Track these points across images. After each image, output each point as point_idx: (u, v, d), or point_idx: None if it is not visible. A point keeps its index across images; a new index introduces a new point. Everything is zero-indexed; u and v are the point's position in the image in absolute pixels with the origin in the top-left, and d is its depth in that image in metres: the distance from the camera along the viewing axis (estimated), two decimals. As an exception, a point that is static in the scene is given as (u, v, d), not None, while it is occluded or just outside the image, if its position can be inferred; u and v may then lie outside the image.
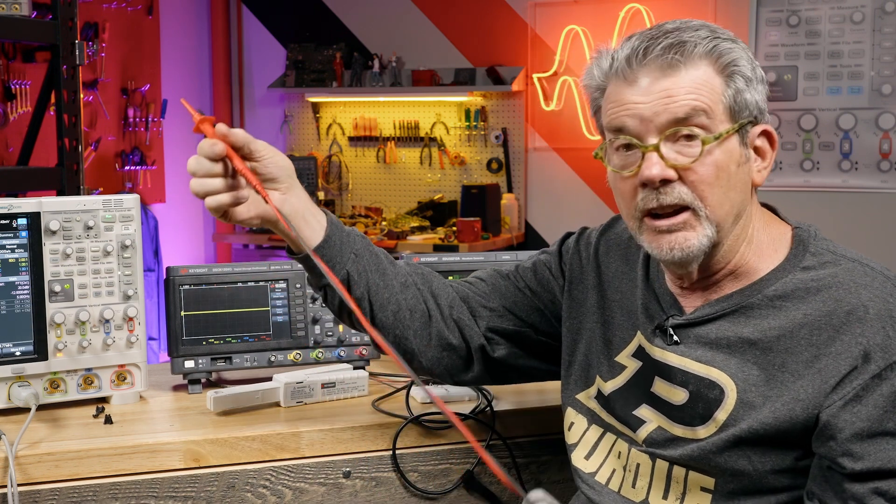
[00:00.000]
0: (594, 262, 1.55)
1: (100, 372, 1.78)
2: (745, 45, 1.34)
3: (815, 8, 4.73)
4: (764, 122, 1.34)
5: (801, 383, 1.26)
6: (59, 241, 1.74)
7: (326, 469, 1.66)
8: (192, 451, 1.60)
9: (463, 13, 5.55)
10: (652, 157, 1.28)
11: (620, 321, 1.48)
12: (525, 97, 5.42)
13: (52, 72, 2.99)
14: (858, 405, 1.22)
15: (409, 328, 1.52)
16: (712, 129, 1.28)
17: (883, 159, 4.67)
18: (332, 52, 5.74)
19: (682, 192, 1.28)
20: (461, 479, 1.72)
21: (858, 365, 1.23)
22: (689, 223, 1.29)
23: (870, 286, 1.28)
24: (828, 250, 1.34)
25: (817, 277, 1.31)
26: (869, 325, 1.24)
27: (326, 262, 1.44)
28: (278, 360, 1.90)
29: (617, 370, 1.46)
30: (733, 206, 1.31)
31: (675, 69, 1.28)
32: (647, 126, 1.29)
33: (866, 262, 1.32)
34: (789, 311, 1.30)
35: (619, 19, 5.08)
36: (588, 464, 1.48)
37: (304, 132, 5.99)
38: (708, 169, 1.28)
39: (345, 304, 1.48)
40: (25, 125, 3.31)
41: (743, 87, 1.30)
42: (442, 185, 5.67)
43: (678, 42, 1.29)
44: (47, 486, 1.54)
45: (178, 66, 5.85)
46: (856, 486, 1.22)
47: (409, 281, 1.54)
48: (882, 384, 1.22)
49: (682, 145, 1.28)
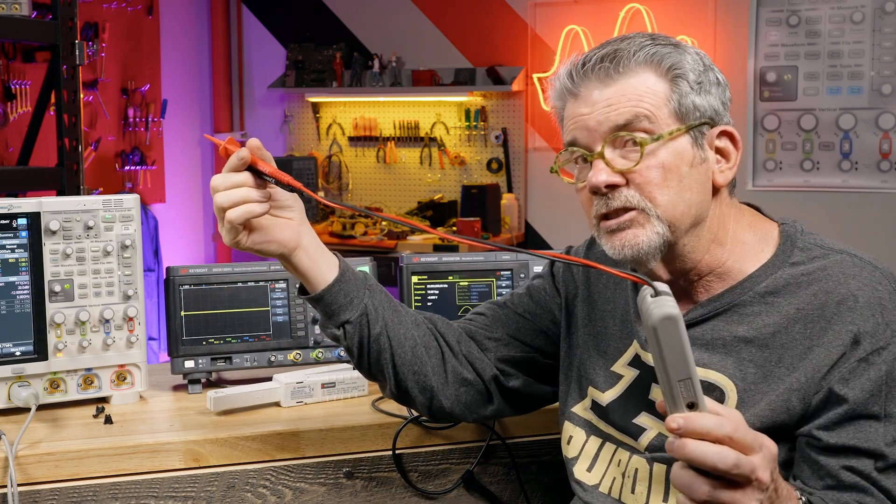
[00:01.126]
0: (583, 276, 1.56)
1: (100, 372, 1.78)
2: (697, 52, 1.35)
3: (815, 8, 4.73)
4: (723, 124, 1.35)
5: (795, 375, 1.27)
6: (59, 241, 1.74)
7: (326, 469, 1.66)
8: (192, 451, 1.60)
9: (463, 13, 5.55)
10: (598, 165, 1.30)
11: (614, 331, 1.48)
12: (525, 97, 5.42)
13: (52, 72, 2.99)
14: (845, 388, 1.24)
15: (427, 364, 1.50)
16: (656, 130, 1.29)
17: (883, 159, 4.66)
18: (332, 52, 5.74)
19: (629, 196, 1.30)
20: (461, 479, 1.72)
21: (847, 350, 1.25)
22: (637, 220, 1.30)
23: (859, 276, 1.30)
24: (816, 244, 1.36)
25: (807, 271, 1.32)
26: (859, 312, 1.26)
27: (343, 297, 1.42)
28: (278, 360, 1.90)
29: (614, 380, 1.46)
30: (689, 206, 1.31)
31: (612, 78, 1.30)
32: (593, 135, 1.31)
33: (854, 253, 1.34)
34: (781, 307, 1.31)
35: (619, 19, 5.07)
36: (591, 476, 1.47)
37: (304, 132, 5.99)
38: (654, 171, 1.29)
39: (365, 343, 1.46)
40: (25, 125, 3.31)
41: (687, 90, 1.31)
42: (442, 185, 5.67)
43: (612, 52, 1.31)
44: (47, 486, 1.54)
45: (178, 66, 5.84)
46: (830, 460, 1.24)
47: (419, 318, 1.53)
48: (869, 368, 1.24)
49: (627, 150, 1.30)
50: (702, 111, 1.32)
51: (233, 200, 1.31)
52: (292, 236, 1.38)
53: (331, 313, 1.44)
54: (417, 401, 1.52)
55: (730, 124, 1.36)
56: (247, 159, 1.31)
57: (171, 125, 5.77)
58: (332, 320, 1.44)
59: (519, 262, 2.03)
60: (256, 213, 1.32)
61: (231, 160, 1.32)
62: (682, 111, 1.30)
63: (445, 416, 1.57)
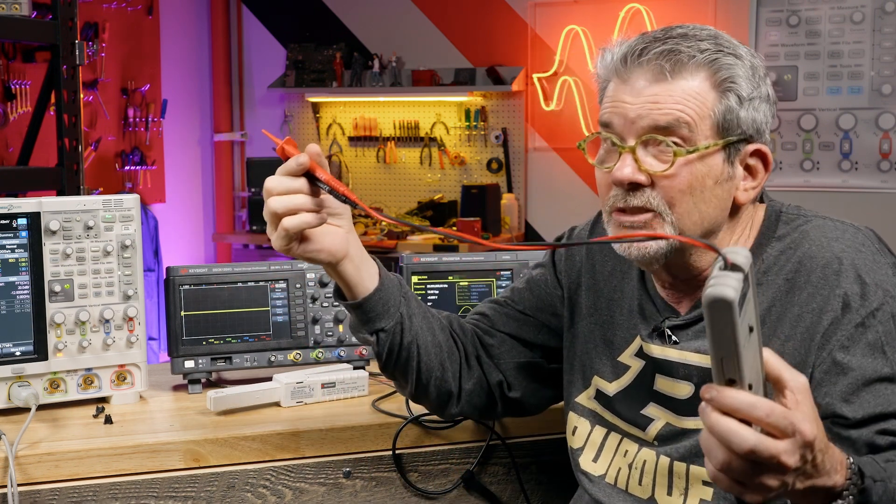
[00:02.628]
0: (588, 263, 1.55)
1: (100, 372, 1.78)
2: (753, 62, 1.32)
3: (815, 8, 4.73)
4: (760, 142, 1.33)
5: (790, 344, 1.27)
6: (59, 241, 1.74)
7: (326, 469, 1.66)
8: (192, 451, 1.60)
9: (463, 13, 5.55)
10: (626, 159, 1.29)
11: (621, 321, 1.48)
12: (525, 97, 5.42)
13: (52, 72, 2.98)
14: (848, 355, 1.24)
15: (449, 371, 1.50)
16: (692, 142, 1.28)
17: (883, 159, 4.67)
18: (332, 52, 5.74)
19: (650, 197, 1.29)
20: (461, 479, 1.72)
21: (839, 315, 1.25)
22: (651, 224, 1.30)
23: (840, 238, 1.31)
24: (799, 214, 1.37)
25: (792, 242, 1.33)
26: (844, 275, 1.26)
27: (381, 306, 1.41)
28: (278, 360, 1.90)
29: (621, 370, 1.45)
30: (703, 219, 1.31)
31: (665, 77, 1.28)
32: (630, 127, 1.29)
33: (836, 219, 1.36)
34: (773, 282, 1.32)
35: (619, 19, 5.07)
36: (597, 466, 1.47)
37: (304, 132, 5.99)
38: (681, 180, 1.28)
39: (395, 350, 1.44)
40: (25, 125, 3.31)
41: (735, 104, 1.29)
42: (442, 185, 5.67)
43: (674, 50, 1.28)
44: (47, 486, 1.54)
45: (178, 66, 5.84)
46: (862, 431, 1.22)
47: (444, 322, 1.53)
48: (867, 331, 1.24)
49: (659, 151, 1.29)
50: (744, 127, 1.30)
51: (288, 207, 1.28)
52: (341, 245, 1.36)
53: (367, 320, 1.42)
54: (433, 403, 1.53)
55: (767, 143, 1.34)
56: (306, 165, 1.29)
57: (171, 125, 5.77)
58: (367, 326, 1.43)
59: (519, 262, 2.03)
60: (312, 224, 1.30)
61: (289, 164, 1.29)
62: (724, 125, 1.29)
63: (454, 417, 1.58)
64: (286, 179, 1.29)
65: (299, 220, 1.29)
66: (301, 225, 1.29)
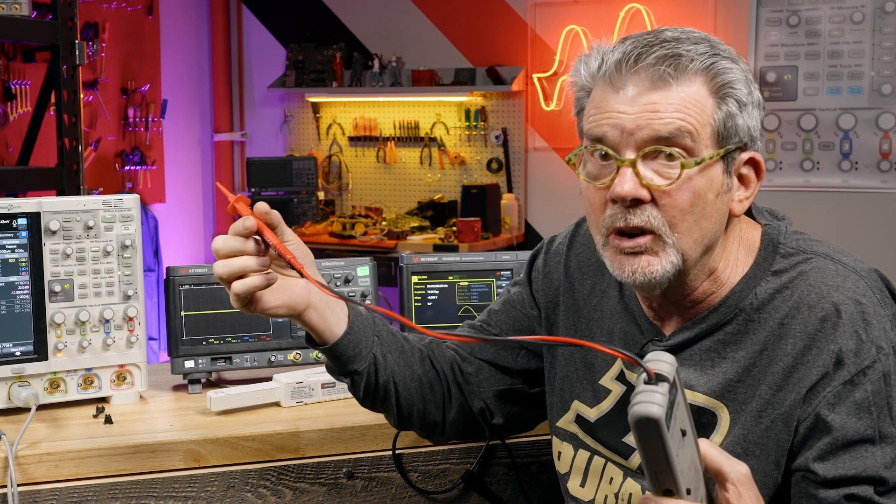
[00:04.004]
0: (566, 282, 1.48)
1: (100, 372, 1.78)
2: (745, 67, 1.25)
3: (815, 8, 4.73)
4: (753, 150, 1.26)
5: (780, 395, 1.22)
6: (59, 241, 1.74)
7: (327, 469, 1.66)
8: (192, 451, 1.60)
9: (463, 13, 5.55)
10: (626, 173, 1.20)
11: (600, 342, 1.37)
12: (525, 97, 5.42)
13: (52, 72, 2.99)
14: (832, 413, 1.19)
15: (431, 402, 1.48)
16: (695, 153, 1.19)
17: (883, 159, 4.66)
18: (332, 52, 5.74)
19: (651, 216, 1.20)
20: (461, 479, 1.72)
21: (830, 371, 1.20)
22: (652, 248, 1.22)
23: (841, 287, 1.23)
24: (798, 249, 1.29)
25: (789, 281, 1.26)
26: (841, 329, 1.20)
27: (352, 349, 1.38)
28: (278, 360, 1.90)
29: (602, 395, 1.40)
30: (703, 235, 1.23)
31: (665, 83, 1.19)
32: (627, 139, 1.20)
33: (838, 258, 1.27)
34: (766, 322, 1.25)
35: (619, 19, 5.07)
36: (585, 492, 1.42)
37: (304, 132, 5.99)
38: (684, 195, 1.20)
39: (371, 389, 1.42)
40: (25, 125, 3.31)
41: (735, 111, 1.21)
42: (442, 185, 5.67)
43: (673, 55, 1.20)
44: (47, 486, 1.54)
45: (178, 66, 5.84)
46: (830, 492, 1.18)
47: (423, 353, 1.50)
48: (855, 390, 1.19)
49: (660, 165, 1.20)
50: (741, 135, 1.23)
51: (231, 272, 1.25)
52: (301, 298, 1.31)
53: (339, 363, 1.39)
54: (420, 432, 1.53)
55: (758, 150, 1.27)
56: (252, 228, 1.24)
57: (171, 125, 5.77)
58: (340, 369, 1.40)
59: (519, 262, 2.03)
60: (260, 286, 1.25)
61: (236, 226, 1.25)
62: (723, 133, 1.21)
63: (442, 443, 1.57)
64: (231, 240, 1.25)
65: (247, 285, 1.25)
66: (249, 288, 1.25)
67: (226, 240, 1.26)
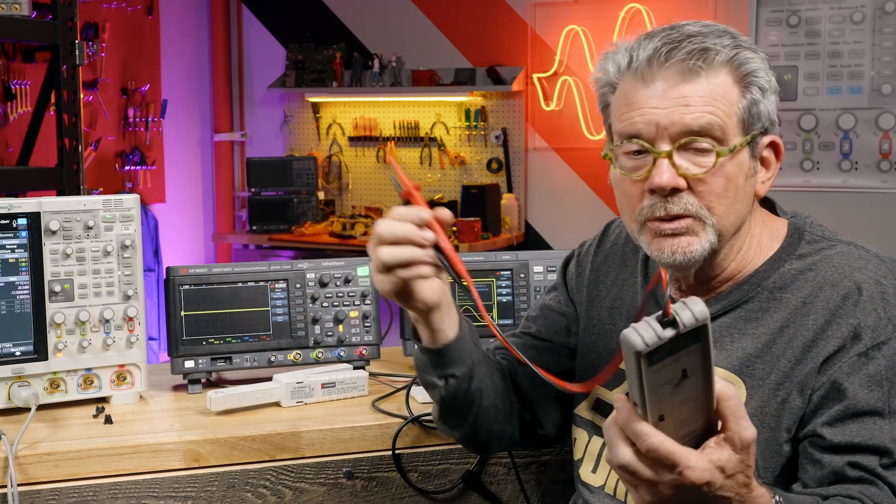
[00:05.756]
0: (593, 276, 1.54)
1: (100, 372, 1.78)
2: (763, 55, 1.32)
3: (815, 8, 4.73)
4: (773, 133, 1.33)
5: (798, 368, 1.27)
6: (59, 241, 1.74)
7: (326, 469, 1.66)
8: (192, 451, 1.60)
9: (463, 13, 5.55)
10: (663, 164, 1.26)
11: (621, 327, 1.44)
12: (525, 97, 5.41)
13: (52, 72, 2.99)
14: (846, 383, 1.23)
15: (501, 412, 1.49)
16: (725, 142, 1.26)
17: (883, 159, 4.66)
18: (332, 52, 5.74)
19: (689, 202, 1.27)
20: (461, 479, 1.72)
21: (847, 343, 1.25)
22: (692, 229, 1.28)
23: (864, 268, 1.29)
24: (823, 237, 1.36)
25: (813, 263, 1.32)
26: (861, 306, 1.26)
27: (458, 353, 1.36)
28: (278, 360, 1.90)
29: (621, 377, 1.43)
30: (738, 217, 1.31)
31: (695, 75, 1.25)
32: (661, 132, 1.26)
33: (861, 245, 1.34)
34: (789, 301, 1.31)
35: (619, 19, 5.07)
36: (596, 477, 1.46)
37: (304, 132, 5.99)
38: (719, 181, 1.26)
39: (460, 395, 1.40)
40: (25, 125, 3.31)
41: (759, 97, 1.29)
42: (442, 185, 5.67)
43: (702, 48, 1.26)
44: (47, 486, 1.54)
45: (178, 66, 5.84)
46: (835, 457, 1.23)
47: (502, 365, 1.52)
48: (869, 363, 1.24)
49: (694, 154, 1.26)
50: (763, 120, 1.30)
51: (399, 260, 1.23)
52: (438, 296, 1.30)
53: (440, 365, 1.37)
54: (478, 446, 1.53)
55: (777, 134, 1.34)
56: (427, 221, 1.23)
57: (171, 125, 5.77)
58: (438, 370, 1.37)
59: (519, 262, 2.03)
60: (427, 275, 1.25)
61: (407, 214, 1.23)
62: (748, 120, 1.28)
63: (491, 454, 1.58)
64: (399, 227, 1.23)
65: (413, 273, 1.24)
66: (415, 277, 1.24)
67: (393, 226, 1.23)
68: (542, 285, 2.02)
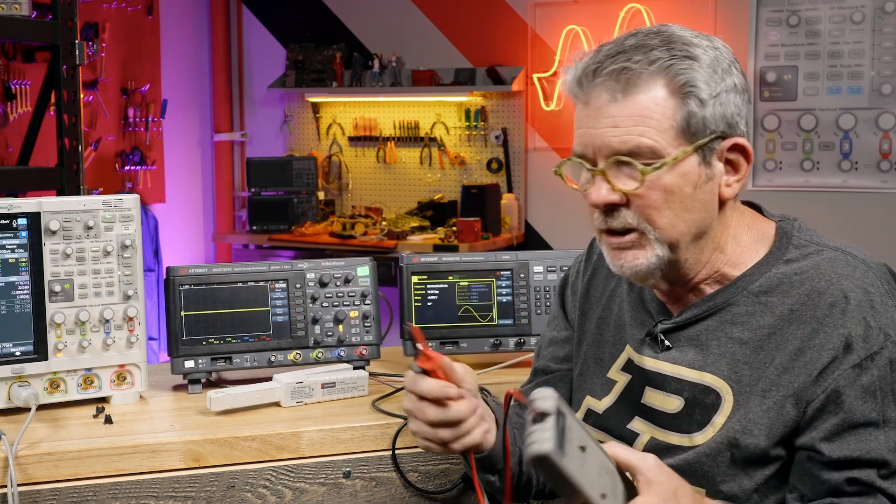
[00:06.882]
0: (587, 294, 1.55)
1: (100, 372, 1.78)
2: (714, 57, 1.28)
3: (815, 8, 4.73)
4: (736, 135, 1.30)
5: (787, 377, 1.27)
6: (59, 241, 1.74)
7: (326, 469, 1.66)
8: (192, 451, 1.60)
9: (463, 13, 5.55)
10: (599, 182, 1.29)
11: (609, 337, 1.48)
12: (525, 97, 5.41)
13: (52, 72, 2.99)
14: (841, 395, 1.23)
15: None
16: (660, 155, 1.26)
17: (883, 159, 4.66)
18: (332, 52, 5.74)
19: (627, 217, 1.29)
20: (461, 479, 1.72)
21: (839, 355, 1.24)
22: (638, 243, 1.30)
23: (851, 276, 1.29)
24: (811, 241, 1.35)
25: (800, 269, 1.31)
26: (850, 315, 1.25)
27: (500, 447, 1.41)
28: (278, 360, 1.90)
29: (609, 386, 1.45)
30: (689, 225, 1.30)
31: (624, 94, 1.26)
32: (597, 151, 1.29)
33: (849, 251, 1.33)
34: (775, 307, 1.30)
35: (619, 19, 5.07)
36: None
37: (304, 132, 5.99)
38: (655, 194, 1.27)
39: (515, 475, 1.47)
40: (25, 125, 3.31)
41: (696, 108, 1.26)
42: (442, 185, 5.67)
43: (625, 69, 1.25)
44: (47, 486, 1.54)
45: (178, 66, 5.84)
46: (833, 474, 1.23)
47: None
48: (862, 374, 1.23)
49: (631, 169, 1.27)
50: (713, 126, 1.27)
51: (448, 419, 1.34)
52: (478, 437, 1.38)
53: (490, 465, 1.42)
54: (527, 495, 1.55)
55: (743, 135, 1.31)
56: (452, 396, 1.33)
57: (171, 125, 5.77)
58: (491, 469, 1.43)
59: (519, 262, 2.03)
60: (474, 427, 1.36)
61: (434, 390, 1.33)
62: (691, 130, 1.26)
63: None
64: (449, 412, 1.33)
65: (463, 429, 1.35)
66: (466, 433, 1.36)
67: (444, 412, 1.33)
68: (542, 285, 2.03)
